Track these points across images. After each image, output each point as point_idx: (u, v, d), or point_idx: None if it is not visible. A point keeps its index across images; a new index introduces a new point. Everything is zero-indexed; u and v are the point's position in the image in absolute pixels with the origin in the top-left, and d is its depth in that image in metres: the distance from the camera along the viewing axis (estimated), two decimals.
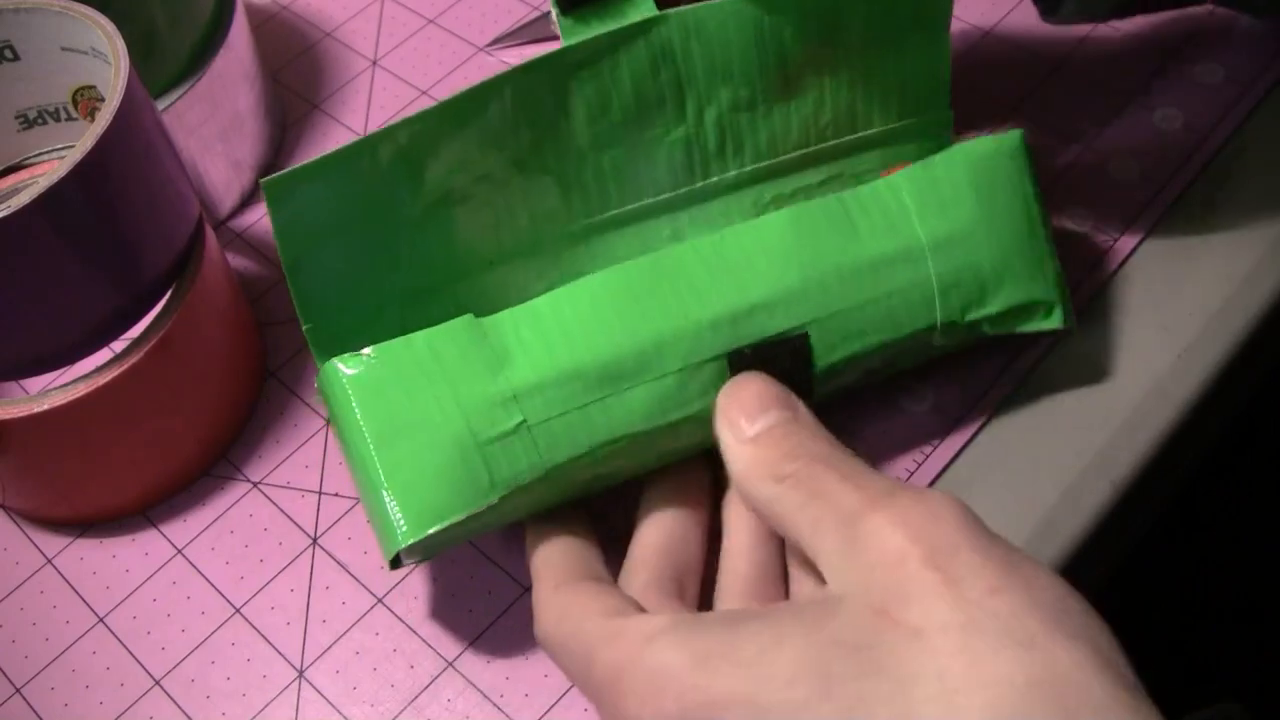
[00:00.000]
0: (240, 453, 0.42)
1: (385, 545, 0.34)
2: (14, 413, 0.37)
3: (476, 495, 0.33)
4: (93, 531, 0.41)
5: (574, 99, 0.37)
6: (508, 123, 0.37)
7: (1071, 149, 0.45)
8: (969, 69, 0.48)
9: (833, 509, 0.29)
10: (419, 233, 0.37)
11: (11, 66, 0.40)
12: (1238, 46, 0.47)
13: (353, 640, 0.38)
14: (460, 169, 0.37)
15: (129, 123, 0.36)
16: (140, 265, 0.38)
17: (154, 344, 0.38)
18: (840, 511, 0.29)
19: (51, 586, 0.40)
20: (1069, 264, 0.42)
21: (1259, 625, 0.65)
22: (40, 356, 0.38)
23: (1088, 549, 0.37)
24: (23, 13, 0.39)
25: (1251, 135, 0.45)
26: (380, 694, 0.37)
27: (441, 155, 0.36)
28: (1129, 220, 0.43)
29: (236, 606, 0.39)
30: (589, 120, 0.38)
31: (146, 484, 0.41)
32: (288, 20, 0.55)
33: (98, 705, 0.37)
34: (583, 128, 0.38)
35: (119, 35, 0.37)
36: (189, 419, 0.40)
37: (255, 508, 0.41)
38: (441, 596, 0.38)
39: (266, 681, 0.37)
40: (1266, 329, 0.41)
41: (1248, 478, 0.64)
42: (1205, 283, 0.42)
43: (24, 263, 0.35)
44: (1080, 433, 0.39)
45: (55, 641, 0.39)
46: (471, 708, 0.36)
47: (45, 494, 0.40)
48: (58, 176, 0.34)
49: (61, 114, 0.42)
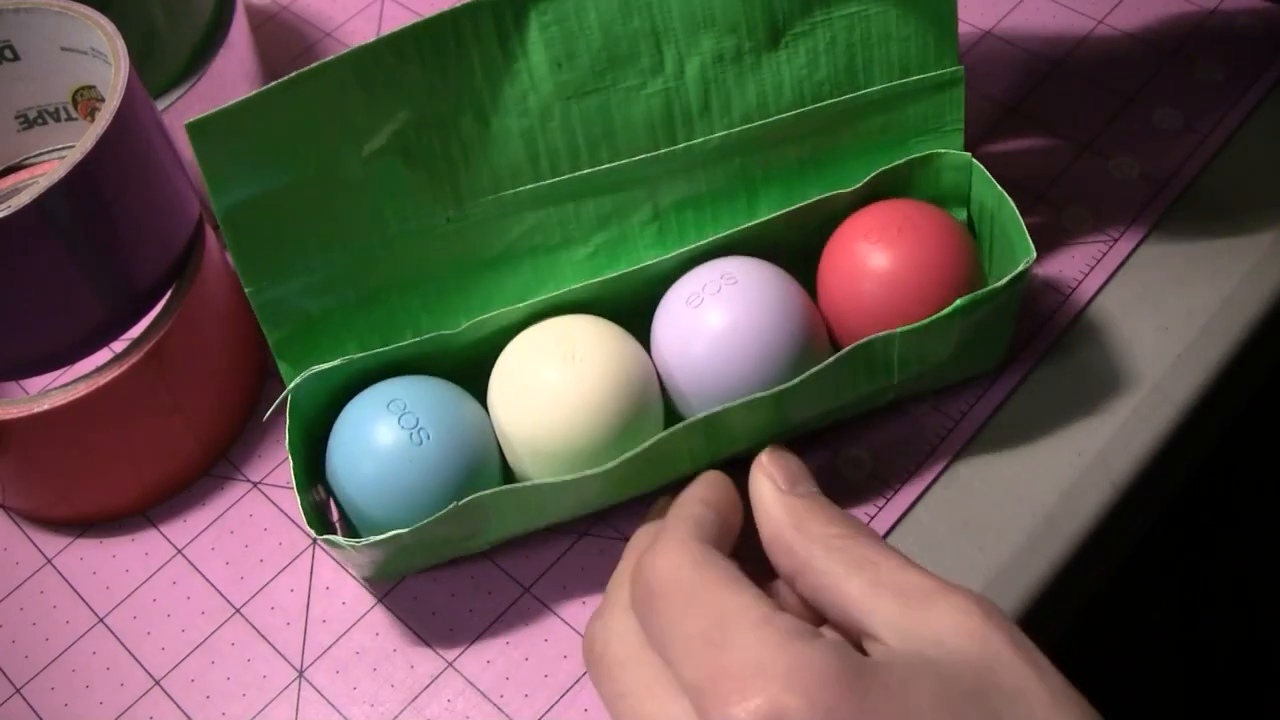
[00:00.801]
0: (240, 453, 0.42)
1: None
2: (14, 413, 0.37)
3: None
4: (93, 531, 0.41)
5: (533, 42, 0.35)
6: (458, 62, 0.35)
7: (1071, 149, 0.45)
8: (969, 69, 0.48)
9: (890, 582, 0.30)
10: (363, 188, 0.35)
11: (11, 66, 0.40)
12: (1238, 46, 0.47)
13: (353, 640, 0.38)
14: (407, 112, 0.35)
15: (129, 123, 0.36)
16: (140, 265, 0.38)
17: (154, 344, 0.38)
18: (898, 585, 0.30)
19: (51, 586, 0.40)
20: (1069, 264, 0.42)
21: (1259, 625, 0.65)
22: (40, 356, 0.38)
23: (1088, 549, 0.37)
24: (23, 13, 0.39)
25: (1251, 135, 0.45)
26: (380, 694, 0.37)
27: (384, 95, 0.34)
28: (1129, 220, 0.43)
29: (236, 606, 0.39)
30: (553, 67, 0.35)
31: (146, 484, 0.41)
32: (288, 20, 0.55)
33: (98, 705, 0.37)
34: (546, 75, 0.35)
35: (119, 35, 0.37)
36: (189, 419, 0.40)
37: (255, 508, 0.41)
38: (441, 596, 0.38)
39: (266, 681, 0.37)
40: (1266, 329, 0.41)
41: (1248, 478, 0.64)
42: (1205, 283, 0.42)
43: (23, 263, 0.35)
44: (1080, 433, 0.39)
45: (55, 641, 0.39)
46: (471, 708, 0.36)
47: (45, 494, 0.40)
48: (58, 176, 0.34)
49: (61, 114, 0.42)
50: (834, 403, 0.37)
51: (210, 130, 0.34)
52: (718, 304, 0.36)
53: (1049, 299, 0.42)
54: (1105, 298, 0.42)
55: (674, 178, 0.38)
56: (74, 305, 0.37)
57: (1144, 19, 0.49)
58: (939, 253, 0.37)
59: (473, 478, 0.36)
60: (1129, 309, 0.41)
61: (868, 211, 0.38)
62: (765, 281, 0.37)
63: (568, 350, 0.36)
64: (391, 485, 0.35)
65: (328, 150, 0.35)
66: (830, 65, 0.38)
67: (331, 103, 0.34)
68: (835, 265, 0.38)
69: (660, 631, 0.30)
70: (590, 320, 0.37)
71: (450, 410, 0.36)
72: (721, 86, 0.37)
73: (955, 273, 0.37)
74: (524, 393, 0.36)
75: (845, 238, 0.38)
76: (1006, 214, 0.38)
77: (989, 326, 0.37)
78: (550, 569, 0.38)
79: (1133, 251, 0.43)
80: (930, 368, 0.37)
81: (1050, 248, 0.43)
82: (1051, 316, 0.41)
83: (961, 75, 0.39)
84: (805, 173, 0.39)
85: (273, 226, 0.35)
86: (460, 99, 0.35)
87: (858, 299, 0.37)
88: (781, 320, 0.36)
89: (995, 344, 0.39)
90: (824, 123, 0.39)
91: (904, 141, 0.40)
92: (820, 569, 0.31)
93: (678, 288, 0.38)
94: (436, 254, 0.37)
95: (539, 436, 0.35)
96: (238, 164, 0.34)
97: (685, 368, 0.36)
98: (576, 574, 0.38)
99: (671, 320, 0.37)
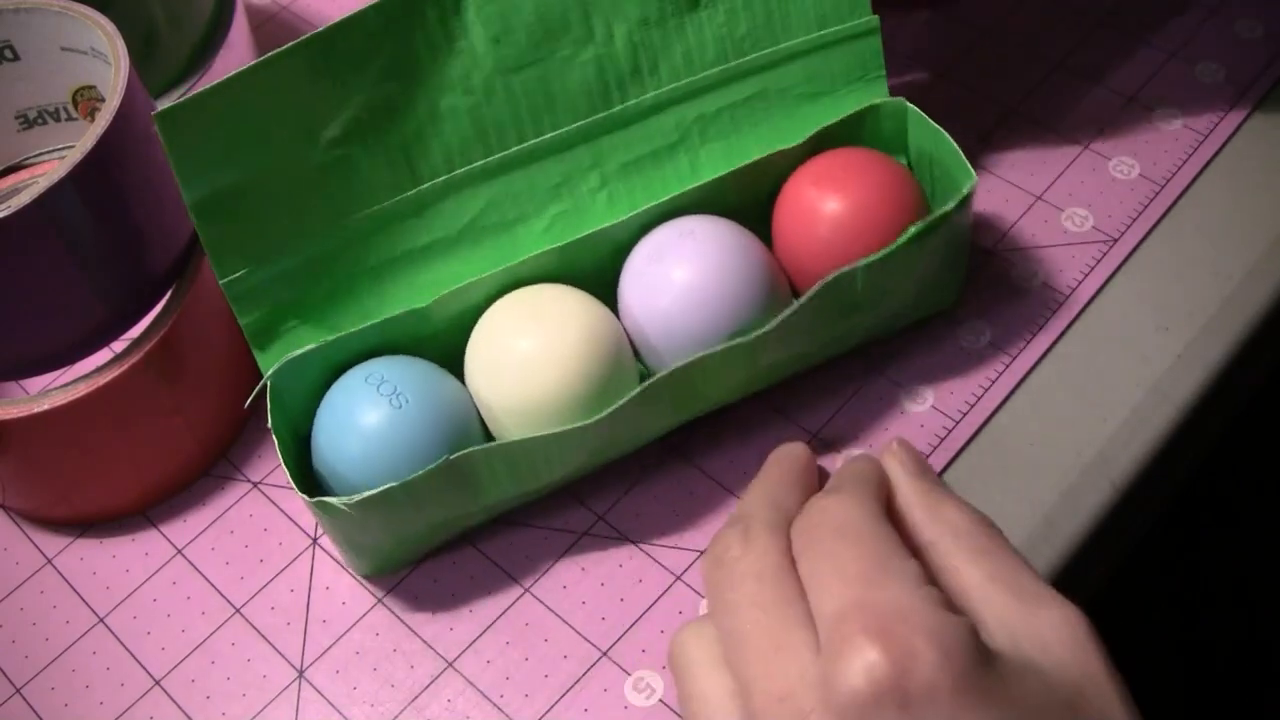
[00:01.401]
0: (240, 453, 0.42)
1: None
2: (14, 413, 0.37)
3: None
4: (93, 531, 0.41)
5: (471, 21, 0.37)
6: (405, 45, 0.36)
7: (1071, 149, 0.45)
8: (969, 69, 0.48)
9: (1007, 578, 0.30)
10: (325, 174, 0.36)
11: (11, 66, 0.40)
12: (1238, 46, 0.47)
13: (353, 640, 0.38)
14: (360, 97, 0.36)
15: (129, 123, 0.36)
16: (140, 265, 0.38)
17: (154, 344, 0.38)
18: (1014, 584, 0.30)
19: (51, 586, 0.40)
20: (1069, 264, 0.42)
21: (1259, 625, 0.65)
22: (40, 356, 0.38)
23: (1088, 549, 0.37)
24: (23, 13, 0.39)
25: (1251, 135, 0.45)
26: (380, 694, 0.37)
27: (337, 82, 0.36)
28: (1129, 220, 0.43)
29: (236, 606, 0.39)
30: (491, 43, 0.37)
31: (146, 484, 0.41)
32: (288, 20, 0.55)
33: (98, 705, 0.37)
34: (487, 51, 0.37)
35: (119, 35, 0.37)
36: (189, 419, 0.40)
37: (255, 508, 0.41)
38: (442, 596, 0.38)
39: (266, 681, 0.37)
40: (1266, 329, 0.41)
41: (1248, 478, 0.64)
42: (1205, 283, 0.42)
43: (24, 263, 0.35)
44: (1080, 433, 0.39)
45: (55, 641, 0.39)
46: (471, 708, 0.36)
47: (45, 494, 0.40)
48: (58, 176, 0.34)
49: (61, 114, 0.42)
50: (809, 345, 0.38)
51: (179, 119, 0.34)
52: (680, 258, 0.38)
53: (1049, 299, 0.42)
54: (1105, 298, 0.42)
55: (614, 142, 0.40)
56: (74, 305, 0.37)
57: (1144, 19, 0.49)
58: (887, 192, 0.38)
59: (457, 439, 0.36)
60: (1129, 309, 0.41)
61: (815, 161, 0.40)
62: (723, 234, 0.38)
63: (538, 317, 0.37)
64: (378, 454, 0.35)
65: (289, 139, 0.36)
66: (749, 21, 0.40)
67: (288, 92, 0.35)
68: (788, 214, 0.40)
69: (817, 560, 0.30)
70: (556, 288, 0.38)
71: (428, 378, 0.37)
72: (649, 49, 0.39)
73: (904, 211, 0.38)
74: (500, 363, 0.37)
75: (796, 187, 0.40)
76: (944, 150, 0.40)
77: (943, 259, 0.39)
78: (550, 569, 0.38)
79: (1133, 251, 0.43)
80: (894, 302, 0.39)
81: (1050, 248, 0.43)
82: (1052, 316, 0.41)
83: (877, 25, 0.41)
84: (740, 128, 0.41)
85: (242, 217, 0.36)
86: (408, 81, 0.37)
87: (813, 244, 0.39)
88: (743, 268, 0.38)
89: (951, 278, 0.40)
90: (749, 76, 0.40)
91: (832, 92, 0.42)
92: (944, 550, 0.32)
93: (639, 248, 0.39)
94: (401, 237, 0.38)
95: (519, 402, 0.36)
96: (204, 154, 0.35)
97: (654, 322, 0.38)
98: (576, 574, 0.38)
99: (637, 279, 0.39)
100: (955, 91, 0.48)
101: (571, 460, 0.37)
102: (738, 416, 0.40)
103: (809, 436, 0.40)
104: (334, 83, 0.36)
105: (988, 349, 0.41)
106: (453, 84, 0.37)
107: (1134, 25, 0.49)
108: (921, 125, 0.40)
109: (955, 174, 0.39)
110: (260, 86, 0.35)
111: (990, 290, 0.42)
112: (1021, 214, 0.44)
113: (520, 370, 0.36)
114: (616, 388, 0.37)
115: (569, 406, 0.36)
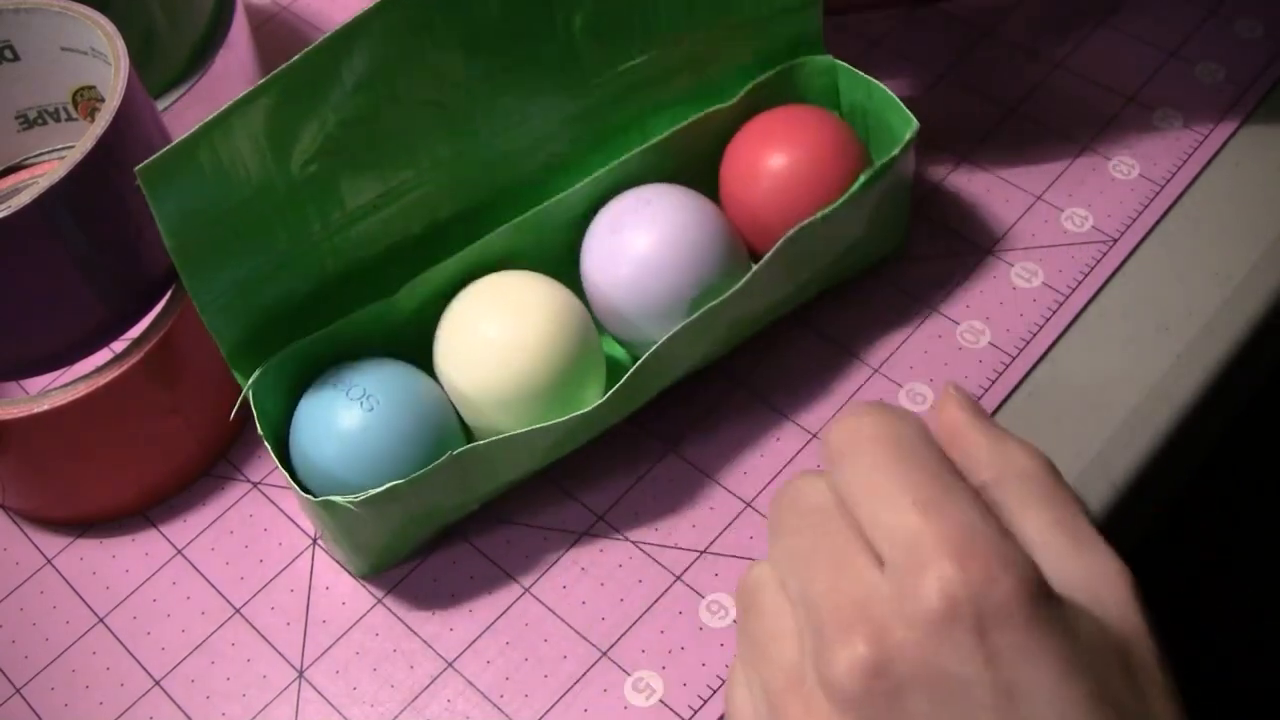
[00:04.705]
0: (240, 453, 0.42)
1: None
2: (14, 413, 0.37)
3: None
4: (93, 531, 0.41)
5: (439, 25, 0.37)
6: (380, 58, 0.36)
7: (1071, 149, 0.45)
8: (968, 69, 0.48)
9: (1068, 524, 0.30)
10: (297, 192, 0.36)
11: (11, 66, 0.40)
12: (1238, 46, 0.47)
13: (353, 640, 0.38)
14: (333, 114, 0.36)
15: (129, 123, 0.36)
16: (140, 265, 0.38)
17: (154, 344, 0.38)
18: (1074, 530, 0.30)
19: (51, 586, 0.40)
20: (1069, 264, 0.42)
21: (1260, 626, 0.65)
22: (40, 356, 0.38)
23: None
24: (23, 13, 0.39)
25: (1251, 135, 0.45)
26: (380, 694, 0.37)
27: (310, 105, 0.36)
28: (1128, 220, 0.43)
29: (236, 607, 0.39)
30: (467, 52, 0.38)
31: (146, 484, 0.41)
32: (288, 20, 0.55)
33: (98, 705, 0.37)
34: (458, 55, 0.37)
35: (119, 35, 0.37)
36: (189, 419, 0.40)
37: (255, 508, 0.41)
38: (442, 596, 0.38)
39: (266, 682, 0.37)
40: (1266, 329, 0.41)
41: (1248, 478, 0.64)
42: (1205, 283, 0.42)
43: (23, 263, 0.35)
44: (1080, 433, 0.39)
45: (55, 641, 0.39)
46: (471, 708, 0.36)
47: (45, 494, 0.40)
48: (57, 177, 0.34)
49: (61, 114, 0.42)
50: (769, 300, 0.40)
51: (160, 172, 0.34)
52: (639, 225, 0.39)
53: (1049, 299, 0.42)
54: (1105, 298, 0.42)
55: (585, 122, 0.41)
56: (74, 305, 0.37)
57: (1144, 19, 0.49)
58: (829, 144, 0.40)
59: (430, 432, 0.37)
60: (1129, 309, 0.41)
61: (755, 121, 0.42)
62: (680, 199, 0.39)
63: (502, 304, 0.38)
64: (355, 456, 0.36)
65: (265, 170, 0.36)
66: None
67: (262, 125, 0.35)
68: (735, 174, 0.41)
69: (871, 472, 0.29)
70: (519, 274, 0.39)
71: (396, 376, 0.37)
72: (604, 34, 0.40)
73: (847, 161, 0.40)
74: (468, 351, 0.38)
75: (740, 147, 0.41)
76: (879, 99, 0.41)
77: (889, 205, 0.41)
78: (550, 569, 0.38)
79: (1133, 251, 0.43)
80: (845, 251, 0.41)
81: (1051, 247, 0.43)
82: (1051, 316, 0.41)
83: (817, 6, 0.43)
84: (693, 102, 0.42)
85: (218, 245, 0.36)
86: (379, 93, 0.37)
87: (762, 198, 0.40)
88: (702, 231, 0.39)
89: (897, 223, 0.42)
90: (701, 51, 0.42)
91: (776, 64, 0.43)
92: (1009, 490, 0.31)
93: (598, 219, 0.40)
94: (371, 241, 0.39)
95: (489, 388, 0.37)
96: (184, 203, 0.34)
97: (618, 290, 0.39)
98: (576, 574, 0.38)
99: (598, 249, 0.40)
100: (955, 91, 0.48)
101: (568, 444, 0.38)
102: (738, 416, 0.40)
103: (809, 437, 0.40)
104: (307, 104, 0.36)
105: (987, 349, 0.41)
106: (424, 91, 0.37)
107: (1134, 25, 0.49)
108: (852, 79, 0.42)
109: (893, 123, 0.41)
110: (235, 127, 0.35)
111: (990, 290, 0.42)
112: (1021, 214, 0.44)
113: (488, 356, 0.37)
114: (582, 366, 0.38)
115: (538, 388, 0.37)
